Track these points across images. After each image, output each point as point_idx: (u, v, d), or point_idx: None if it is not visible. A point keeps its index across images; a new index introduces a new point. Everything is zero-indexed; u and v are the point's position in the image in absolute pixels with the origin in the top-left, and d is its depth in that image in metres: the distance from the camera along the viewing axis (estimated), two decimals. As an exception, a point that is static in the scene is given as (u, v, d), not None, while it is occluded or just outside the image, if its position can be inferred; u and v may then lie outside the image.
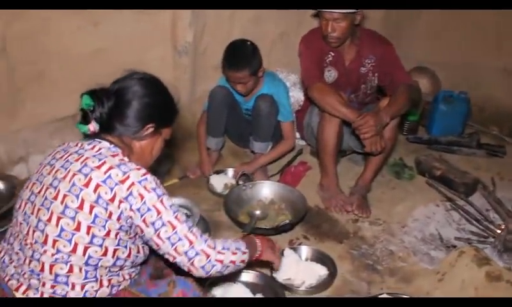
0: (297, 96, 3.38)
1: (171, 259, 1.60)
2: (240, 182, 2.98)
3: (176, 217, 1.57)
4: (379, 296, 2.20)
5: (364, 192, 2.97)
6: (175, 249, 1.56)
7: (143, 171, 1.58)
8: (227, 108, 3.06)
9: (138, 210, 1.52)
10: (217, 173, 3.12)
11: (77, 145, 1.64)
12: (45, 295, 1.51)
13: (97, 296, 1.56)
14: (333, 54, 2.91)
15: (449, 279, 2.31)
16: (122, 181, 1.52)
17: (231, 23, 3.20)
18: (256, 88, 3.03)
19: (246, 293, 2.15)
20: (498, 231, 2.62)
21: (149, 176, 1.57)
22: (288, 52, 3.39)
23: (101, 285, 1.57)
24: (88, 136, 1.65)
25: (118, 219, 1.52)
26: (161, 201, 1.55)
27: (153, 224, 1.54)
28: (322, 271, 2.38)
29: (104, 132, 1.64)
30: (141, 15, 2.98)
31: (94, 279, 1.54)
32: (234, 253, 1.69)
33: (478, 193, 3.11)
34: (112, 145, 1.62)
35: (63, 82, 2.85)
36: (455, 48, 4.16)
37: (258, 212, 2.74)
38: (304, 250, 2.51)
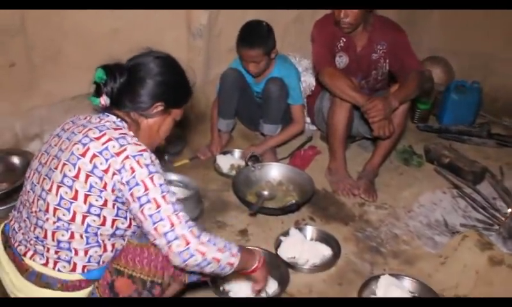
0: (308, 81, 3.40)
1: (152, 239, 1.55)
2: (250, 163, 3.03)
3: (163, 197, 1.52)
4: (381, 276, 2.24)
5: (371, 176, 3.00)
6: (155, 229, 1.51)
7: (142, 147, 1.57)
8: (238, 90, 3.11)
9: (127, 182, 1.51)
10: (224, 153, 3.18)
11: (85, 118, 1.67)
12: (50, 261, 1.56)
13: (101, 260, 1.61)
14: (344, 40, 2.93)
15: (451, 262, 2.35)
16: (118, 154, 1.52)
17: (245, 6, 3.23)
18: (268, 70, 3.07)
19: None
20: (503, 219, 2.65)
21: (146, 153, 1.56)
22: (302, 37, 3.42)
23: (105, 250, 1.61)
24: (99, 110, 1.69)
25: (112, 190, 1.53)
26: (151, 178, 1.52)
27: (139, 198, 1.51)
28: (326, 251, 2.43)
29: (114, 107, 1.67)
30: (156, -3, 3.03)
31: (97, 244, 1.58)
32: (220, 250, 1.59)
33: (486, 182, 3.12)
34: (118, 119, 1.65)
35: (78, 61, 2.90)
36: (469, 37, 4.14)
37: (265, 193, 2.79)
38: (310, 230, 2.56)
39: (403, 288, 2.19)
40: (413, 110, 3.85)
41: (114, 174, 1.52)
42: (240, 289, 2.09)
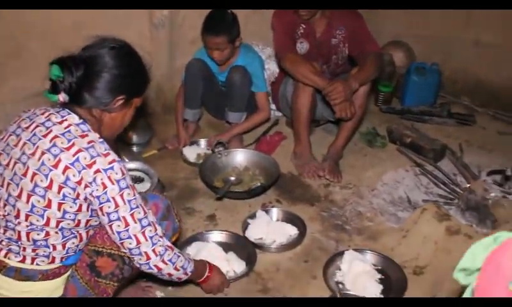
0: (272, 68, 3.46)
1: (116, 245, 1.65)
2: (216, 150, 3.07)
3: (131, 215, 1.57)
4: (345, 251, 2.31)
5: (336, 158, 3.08)
6: (122, 244, 1.60)
7: (111, 157, 1.56)
8: (203, 80, 3.14)
9: (98, 197, 1.53)
10: (191, 144, 3.22)
11: (43, 114, 1.60)
12: (28, 258, 1.57)
13: (78, 248, 1.65)
14: (304, 26, 3.00)
15: (412, 235, 2.44)
16: (89, 166, 1.51)
17: (207, -3, 3.26)
18: (232, 59, 3.11)
19: (218, 251, 2.26)
20: (462, 193, 2.75)
21: (116, 165, 1.55)
22: (263, 25, 3.45)
23: (81, 239, 1.64)
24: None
25: (85, 199, 1.54)
26: (121, 195, 1.55)
27: (108, 214, 1.55)
28: (292, 231, 2.50)
29: (74, 103, 1.61)
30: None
31: (73, 235, 1.60)
32: (176, 269, 1.72)
33: (446, 159, 3.22)
34: (81, 121, 1.59)
35: (42, 56, 2.84)
36: (428, 22, 4.24)
37: (232, 178, 2.84)
38: (275, 212, 2.63)
39: (366, 262, 2.27)
40: (376, 93, 3.94)
41: (86, 186, 1.52)
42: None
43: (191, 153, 3.13)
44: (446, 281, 2.14)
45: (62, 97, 1.57)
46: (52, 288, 1.64)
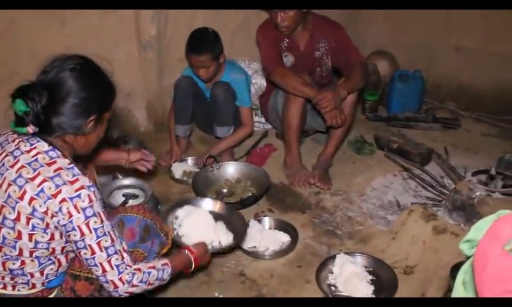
0: (259, 82, 3.55)
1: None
2: (207, 164, 3.13)
3: (98, 243, 1.54)
4: (337, 255, 2.37)
5: (325, 166, 3.15)
6: (90, 270, 1.60)
7: (78, 185, 1.51)
8: (192, 97, 3.21)
9: (64, 226, 1.51)
10: (180, 161, 3.28)
11: (13, 141, 1.57)
12: (8, 285, 1.59)
13: (59, 273, 1.65)
14: (287, 40, 3.08)
15: (401, 236, 2.51)
16: (54, 196, 1.48)
17: (193, 16, 3.34)
18: (218, 75, 3.19)
19: (207, 217, 2.32)
20: (448, 193, 2.82)
21: (83, 192, 1.51)
22: (249, 41, 3.56)
23: (59, 264, 1.64)
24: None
25: (56, 227, 1.53)
26: (87, 224, 1.51)
27: (75, 242, 1.54)
28: (284, 238, 2.56)
29: (45, 133, 1.56)
30: (105, 13, 3.13)
31: (50, 261, 1.60)
32: (150, 284, 1.69)
33: (433, 162, 3.30)
34: (50, 148, 1.55)
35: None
36: (411, 30, 4.33)
37: (225, 190, 2.91)
38: (268, 220, 2.69)
39: (357, 264, 2.33)
40: (362, 102, 4.03)
41: (53, 216, 1.50)
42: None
43: (177, 169, 3.19)
44: (435, 279, 2.21)
45: (31, 129, 1.52)
46: None
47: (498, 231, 0.97)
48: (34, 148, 1.54)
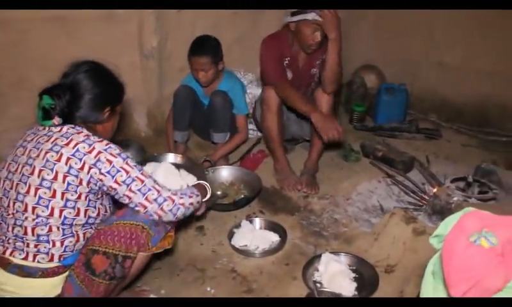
0: (254, 92, 3.61)
1: (142, 209, 1.80)
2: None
3: (142, 174, 1.79)
4: (323, 254, 2.42)
5: (312, 172, 3.20)
6: (146, 198, 1.78)
7: (106, 141, 1.78)
8: (190, 104, 3.27)
9: (108, 172, 1.73)
10: None
11: (44, 129, 1.80)
12: (30, 255, 1.72)
13: (75, 249, 1.79)
14: (289, 58, 3.05)
15: (382, 238, 2.55)
16: (89, 152, 1.72)
17: (192, 30, 3.39)
18: (216, 83, 3.25)
19: (172, 169, 2.47)
20: (428, 198, 2.87)
21: (112, 145, 1.77)
22: (245, 54, 3.61)
23: (78, 239, 1.79)
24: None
25: (88, 183, 1.73)
26: (127, 163, 1.76)
27: (124, 182, 1.75)
28: (274, 238, 2.61)
29: (68, 123, 1.80)
30: (110, 24, 3.19)
31: (71, 234, 1.76)
32: (191, 196, 1.93)
33: (415, 170, 3.35)
34: (76, 126, 1.80)
35: (43, 86, 3.02)
36: (396, 46, 4.42)
37: (219, 192, 2.95)
38: (258, 221, 2.74)
39: (341, 263, 2.38)
40: (350, 112, 4.11)
41: (90, 168, 1.71)
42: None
43: None
44: (413, 277, 2.25)
45: (56, 120, 1.77)
46: (51, 286, 1.76)
47: (463, 225, 1.04)
48: (63, 128, 1.78)
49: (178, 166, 2.54)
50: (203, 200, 2.14)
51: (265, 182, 3.09)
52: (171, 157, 2.83)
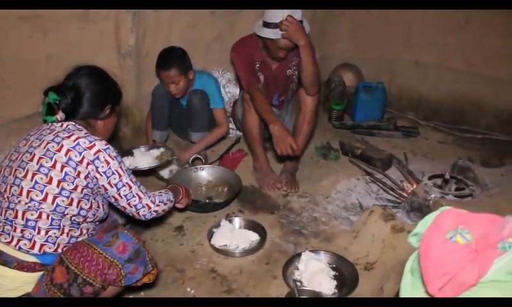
0: (232, 91, 3.59)
1: (122, 209, 1.97)
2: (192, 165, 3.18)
3: (131, 180, 1.92)
4: (302, 253, 2.42)
5: (292, 170, 3.19)
6: (129, 204, 1.93)
7: (105, 141, 1.86)
8: (168, 104, 3.24)
9: (104, 172, 1.82)
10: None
11: (48, 125, 1.88)
12: (14, 239, 1.73)
13: (57, 242, 1.78)
14: (259, 62, 3.02)
15: (362, 235, 2.56)
16: (89, 148, 1.80)
17: (170, 28, 3.36)
18: (189, 89, 3.23)
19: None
20: (406, 195, 2.90)
21: (110, 146, 1.86)
22: (223, 53, 3.58)
23: (62, 233, 1.79)
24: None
25: (86, 177, 1.79)
26: (121, 167, 1.87)
27: (116, 185, 1.86)
28: (254, 237, 2.59)
29: (70, 119, 1.89)
30: (87, 23, 3.13)
31: (57, 227, 1.77)
32: (165, 204, 2.09)
33: (393, 167, 3.38)
34: (77, 124, 1.89)
35: (17, 87, 2.95)
36: (374, 45, 4.46)
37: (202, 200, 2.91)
38: (238, 220, 2.73)
39: (321, 261, 2.38)
40: (329, 111, 4.12)
41: (88, 164, 1.79)
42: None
43: (164, 172, 3.20)
44: (392, 274, 2.25)
45: (60, 116, 1.87)
46: (22, 281, 1.75)
47: (440, 223, 1.05)
48: (64, 124, 1.87)
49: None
50: (176, 201, 2.28)
51: (244, 181, 3.07)
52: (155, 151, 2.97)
